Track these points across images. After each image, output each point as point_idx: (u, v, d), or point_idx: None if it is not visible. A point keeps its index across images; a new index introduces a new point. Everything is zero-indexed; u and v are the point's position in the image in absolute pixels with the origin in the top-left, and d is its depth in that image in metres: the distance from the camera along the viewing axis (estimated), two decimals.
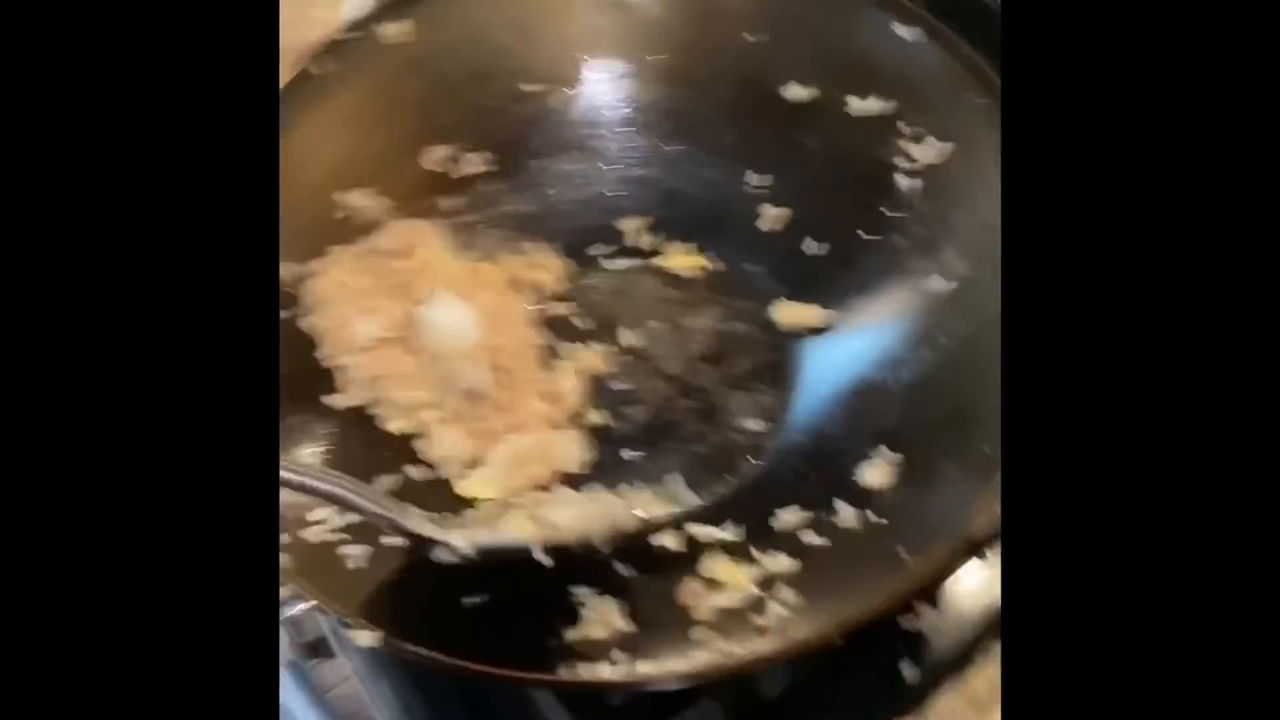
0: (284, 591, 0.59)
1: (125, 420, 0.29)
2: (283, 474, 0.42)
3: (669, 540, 0.50)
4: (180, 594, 0.28)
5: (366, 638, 0.41)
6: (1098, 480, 0.29)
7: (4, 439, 0.28)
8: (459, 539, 0.46)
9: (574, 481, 0.53)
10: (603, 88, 0.62)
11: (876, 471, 0.49)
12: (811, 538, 0.48)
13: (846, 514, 0.49)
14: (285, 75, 0.56)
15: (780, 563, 0.47)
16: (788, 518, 0.49)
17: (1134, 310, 0.29)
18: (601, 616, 0.45)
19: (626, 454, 0.55)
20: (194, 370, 0.29)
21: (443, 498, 0.51)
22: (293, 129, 0.55)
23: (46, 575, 0.28)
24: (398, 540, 0.46)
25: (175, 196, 0.30)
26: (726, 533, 0.50)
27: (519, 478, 0.53)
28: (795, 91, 0.59)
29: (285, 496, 0.47)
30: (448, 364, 0.53)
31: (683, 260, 0.61)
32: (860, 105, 0.57)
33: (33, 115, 0.29)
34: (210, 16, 0.31)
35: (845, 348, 0.55)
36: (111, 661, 0.28)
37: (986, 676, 0.49)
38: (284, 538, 0.45)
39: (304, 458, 0.51)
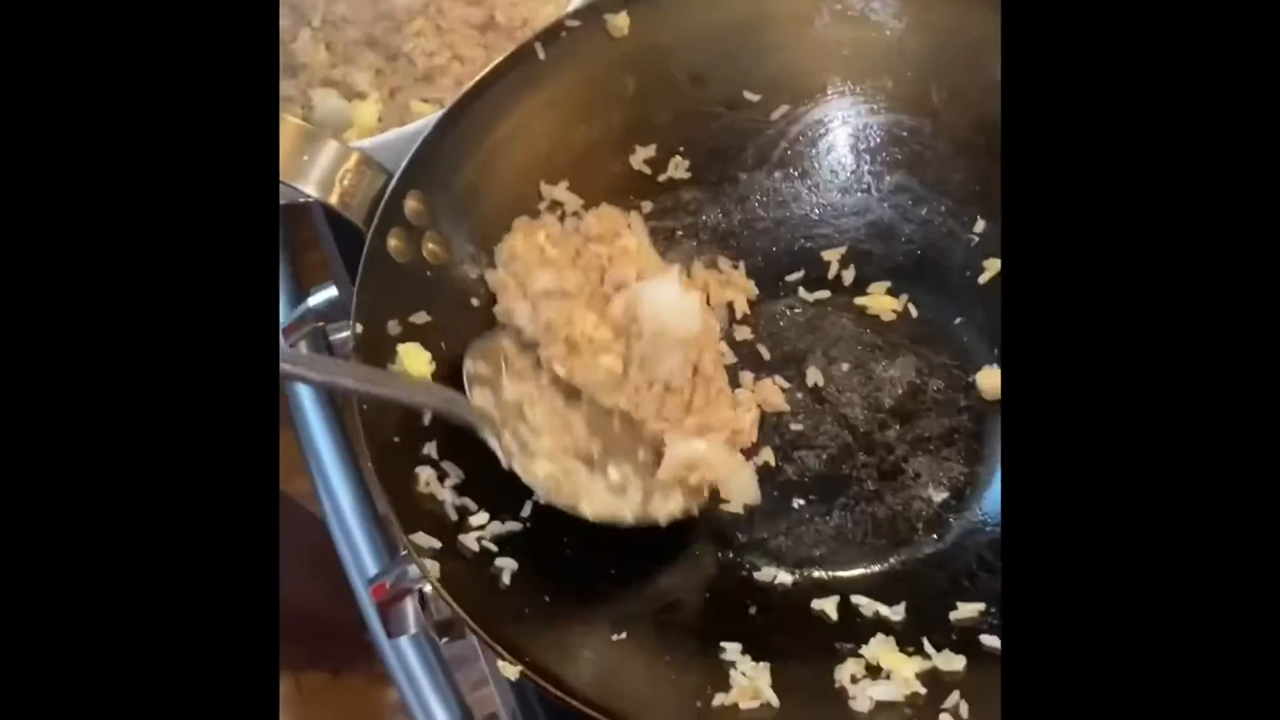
0: (415, 569, 0.59)
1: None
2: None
3: (829, 608, 0.47)
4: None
5: (509, 670, 0.39)
6: None
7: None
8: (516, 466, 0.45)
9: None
10: (827, 105, 0.58)
11: None
12: (991, 641, 0.44)
13: None
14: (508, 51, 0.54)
15: (952, 662, 0.43)
16: (967, 611, 0.45)
17: None
18: (751, 683, 0.42)
19: (796, 502, 0.51)
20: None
21: None
22: (509, 110, 0.53)
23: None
24: None
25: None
26: (895, 613, 0.46)
27: (682, 481, 0.50)
28: None
29: (449, 498, 0.46)
30: (655, 345, 0.50)
31: (884, 302, 0.56)
32: None
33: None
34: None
35: None
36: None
37: None
38: (436, 542, 0.43)
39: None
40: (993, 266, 0.54)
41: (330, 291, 0.73)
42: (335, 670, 1.28)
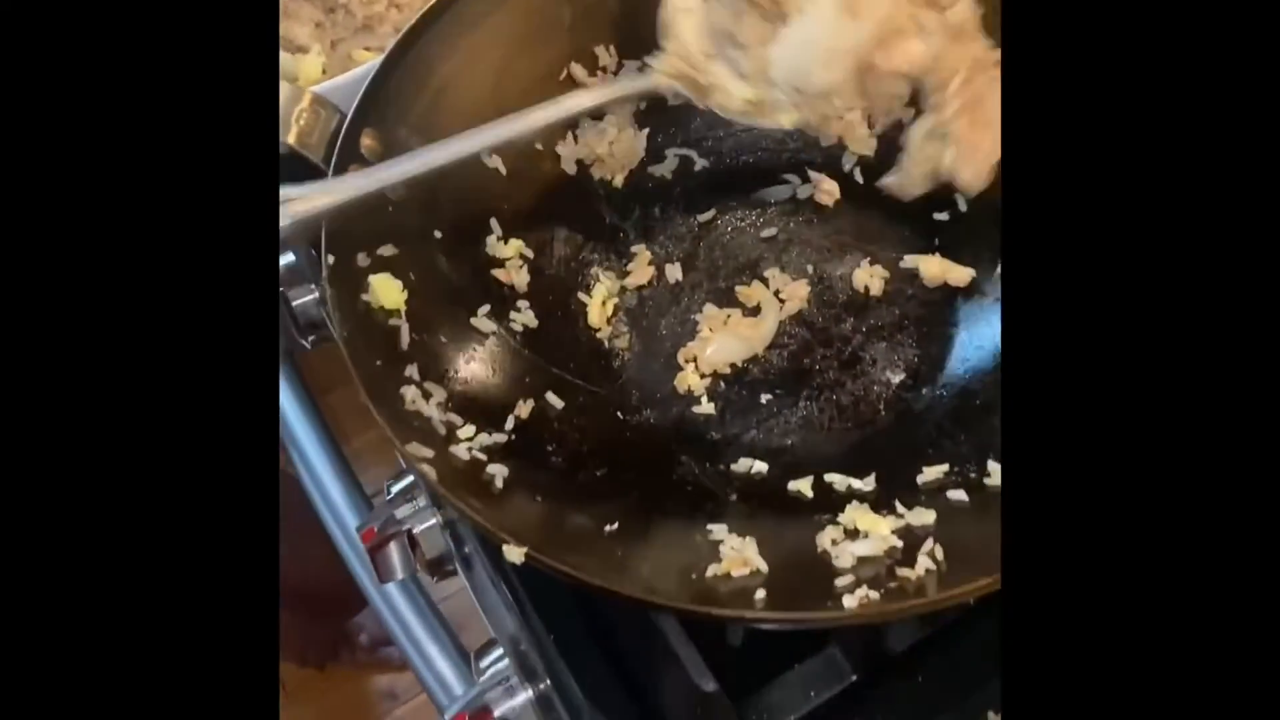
0: (401, 511, 0.60)
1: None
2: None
3: (804, 487, 0.50)
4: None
5: (513, 553, 0.41)
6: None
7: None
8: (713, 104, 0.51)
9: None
10: None
11: None
12: (959, 495, 0.47)
13: (998, 472, 0.47)
14: None
15: (923, 517, 0.46)
16: (932, 474, 0.48)
17: None
18: (739, 553, 0.45)
19: (764, 398, 0.54)
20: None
21: None
22: (454, 46, 0.55)
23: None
24: None
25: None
26: (866, 484, 0.49)
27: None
28: None
29: (436, 415, 0.47)
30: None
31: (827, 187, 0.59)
32: None
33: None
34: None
35: (995, 311, 0.54)
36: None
37: None
38: (429, 451, 0.45)
39: None
40: None
41: (288, 257, 0.73)
42: (320, 665, 1.28)
